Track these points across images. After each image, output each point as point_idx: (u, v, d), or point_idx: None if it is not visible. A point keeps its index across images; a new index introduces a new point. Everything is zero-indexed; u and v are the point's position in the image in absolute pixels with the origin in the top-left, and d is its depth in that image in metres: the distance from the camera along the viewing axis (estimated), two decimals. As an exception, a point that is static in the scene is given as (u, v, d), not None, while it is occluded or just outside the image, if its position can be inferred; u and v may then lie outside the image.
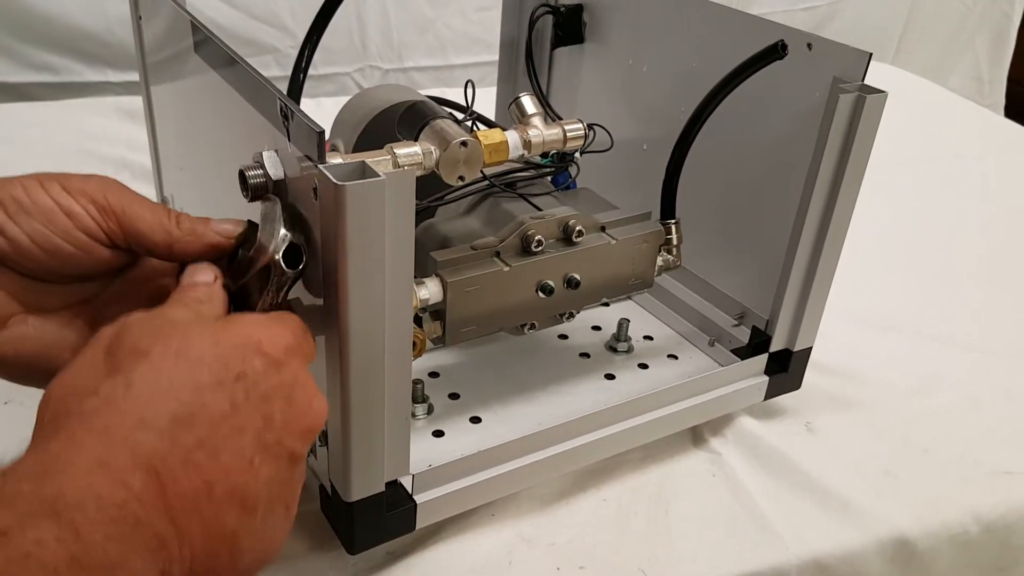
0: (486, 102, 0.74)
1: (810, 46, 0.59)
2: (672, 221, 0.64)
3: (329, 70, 1.66)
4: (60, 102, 1.27)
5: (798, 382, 0.69)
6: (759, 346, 0.67)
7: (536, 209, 0.61)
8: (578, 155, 0.64)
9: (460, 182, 0.56)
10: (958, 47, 2.33)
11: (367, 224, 0.41)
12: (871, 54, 0.56)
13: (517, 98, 0.61)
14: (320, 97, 1.29)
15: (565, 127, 0.61)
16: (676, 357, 0.71)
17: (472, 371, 0.67)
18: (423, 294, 0.55)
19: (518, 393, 0.65)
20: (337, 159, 0.44)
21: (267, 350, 0.37)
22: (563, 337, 0.72)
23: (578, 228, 0.59)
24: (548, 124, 0.61)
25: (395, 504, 0.52)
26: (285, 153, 0.44)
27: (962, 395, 0.75)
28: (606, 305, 0.77)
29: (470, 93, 0.62)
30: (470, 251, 0.57)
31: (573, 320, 0.63)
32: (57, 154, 1.05)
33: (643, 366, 0.70)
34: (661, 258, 0.64)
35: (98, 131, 1.11)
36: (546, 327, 0.62)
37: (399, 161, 0.53)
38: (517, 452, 0.56)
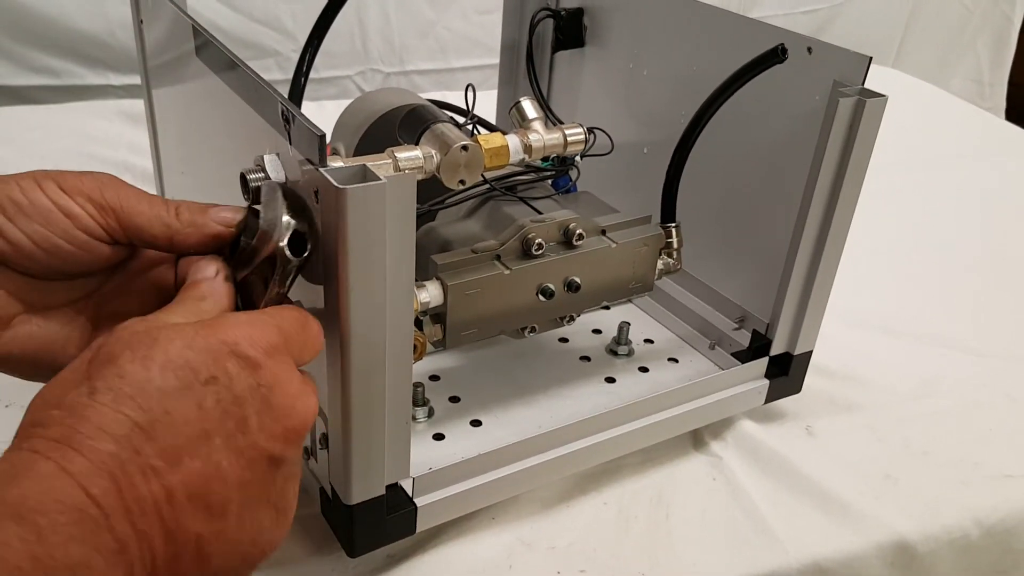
0: (487, 105, 0.74)
1: (810, 50, 0.59)
2: (672, 224, 0.64)
3: (330, 73, 1.67)
4: (62, 105, 1.27)
5: (798, 385, 0.69)
6: (759, 349, 0.67)
7: (537, 213, 0.61)
8: (578, 159, 0.64)
9: (461, 186, 0.56)
10: (959, 50, 2.33)
11: (368, 228, 0.41)
12: (871, 58, 0.56)
13: (518, 102, 0.61)
14: (322, 100, 1.29)
15: (565, 131, 0.61)
16: (677, 360, 0.71)
17: (473, 374, 0.67)
18: (424, 297, 0.55)
19: (518, 396, 0.65)
20: (338, 163, 0.44)
21: (244, 351, 0.36)
22: (563, 340, 0.73)
23: (579, 231, 0.59)
24: (549, 128, 0.61)
25: (395, 507, 0.52)
26: (286, 156, 0.44)
27: (962, 398, 0.75)
28: (606, 308, 0.77)
29: (471, 97, 0.62)
30: (471, 254, 0.57)
31: (573, 323, 0.63)
32: (58, 157, 1.05)
33: (643, 369, 0.70)
34: (661, 261, 0.64)
35: (99, 134, 1.11)
36: (546, 330, 0.62)
37: (400, 165, 0.53)
38: (517, 455, 0.56)
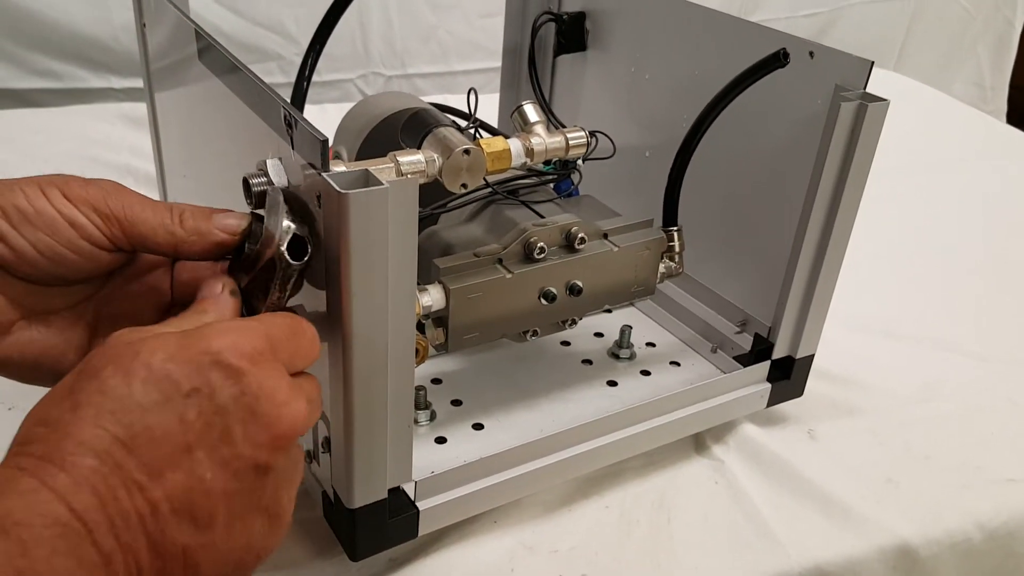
0: (489, 108, 0.75)
1: (812, 54, 0.59)
2: (674, 228, 0.64)
3: (333, 76, 1.67)
4: (64, 108, 1.27)
5: (800, 389, 0.69)
6: (761, 353, 0.67)
7: (539, 216, 0.61)
8: (580, 162, 0.64)
9: (463, 189, 0.56)
10: (961, 53, 2.33)
11: (370, 232, 0.41)
12: (872, 62, 0.56)
13: (520, 106, 0.61)
14: (324, 104, 1.29)
15: (567, 135, 0.61)
16: (678, 364, 0.71)
17: (474, 378, 0.67)
18: (426, 301, 0.55)
19: (520, 400, 0.65)
20: (340, 167, 0.44)
21: (227, 360, 0.35)
22: (565, 344, 0.73)
23: (580, 235, 0.59)
24: (551, 132, 0.61)
25: (397, 511, 0.52)
26: (289, 161, 0.45)
27: (964, 402, 0.75)
28: (608, 312, 0.77)
29: (473, 101, 0.62)
30: (473, 258, 0.57)
31: (575, 327, 0.63)
32: (61, 160, 1.05)
33: (645, 373, 0.70)
34: (663, 265, 0.64)
35: (102, 137, 1.11)
36: (548, 334, 0.62)
37: (402, 169, 0.53)
38: (519, 459, 0.56)
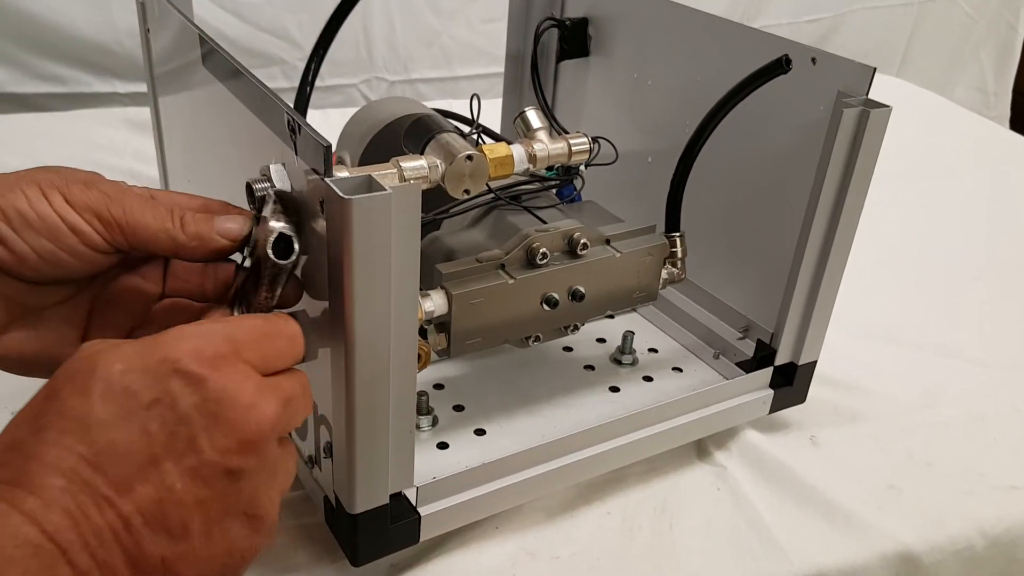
0: (492, 113, 0.75)
1: (814, 60, 0.59)
2: (677, 234, 0.64)
3: (336, 81, 1.67)
4: (68, 113, 1.28)
5: (803, 395, 0.69)
6: (764, 359, 0.67)
7: (541, 222, 0.61)
8: (583, 168, 0.64)
9: (465, 195, 0.56)
10: (963, 59, 2.33)
11: (373, 237, 0.41)
12: (875, 69, 0.56)
13: (522, 112, 0.61)
14: (327, 108, 1.30)
15: (570, 141, 0.61)
16: (681, 370, 0.71)
17: (477, 383, 0.67)
18: (428, 306, 0.55)
19: (523, 405, 0.65)
20: (343, 172, 0.44)
21: (185, 367, 0.35)
22: (568, 349, 0.73)
23: (583, 241, 0.59)
24: (553, 138, 0.61)
25: (399, 516, 0.52)
26: (292, 166, 0.45)
27: (966, 408, 0.75)
28: (611, 317, 0.77)
29: (475, 106, 0.62)
30: (475, 264, 0.57)
31: (577, 332, 0.63)
32: (64, 164, 1.05)
33: (648, 379, 0.70)
34: (666, 271, 0.64)
35: (105, 142, 1.12)
36: (550, 339, 0.62)
37: (405, 175, 0.53)
38: (521, 464, 0.56)
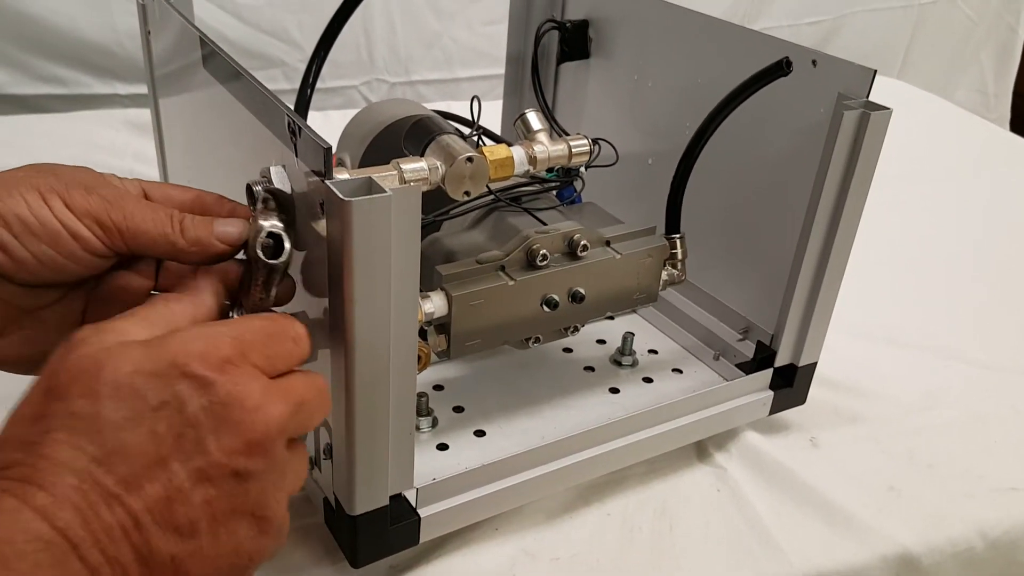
0: (492, 115, 0.75)
1: (815, 62, 0.59)
2: (677, 235, 0.64)
3: (336, 83, 1.67)
4: (69, 114, 1.28)
5: (803, 397, 0.69)
6: (764, 361, 0.67)
7: (541, 223, 0.61)
8: (583, 170, 0.64)
9: (466, 197, 0.56)
10: (964, 61, 2.33)
11: (373, 239, 0.41)
12: (875, 71, 0.56)
13: (523, 114, 0.61)
14: (328, 110, 1.30)
15: (570, 142, 0.61)
16: (681, 371, 0.71)
17: (476, 384, 0.67)
18: (428, 308, 0.55)
19: (522, 406, 0.65)
20: (344, 174, 0.44)
21: (194, 371, 0.35)
22: (568, 351, 0.73)
23: (583, 242, 0.59)
24: (553, 140, 0.61)
25: (399, 518, 0.52)
26: (292, 168, 0.45)
27: (967, 410, 0.75)
28: (611, 319, 0.77)
29: (476, 108, 0.63)
30: (475, 265, 0.57)
31: (578, 334, 0.63)
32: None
33: (648, 380, 0.70)
34: (666, 272, 0.64)
35: (106, 143, 1.12)
36: (550, 341, 0.62)
37: (405, 177, 0.53)
38: (521, 466, 0.56)
